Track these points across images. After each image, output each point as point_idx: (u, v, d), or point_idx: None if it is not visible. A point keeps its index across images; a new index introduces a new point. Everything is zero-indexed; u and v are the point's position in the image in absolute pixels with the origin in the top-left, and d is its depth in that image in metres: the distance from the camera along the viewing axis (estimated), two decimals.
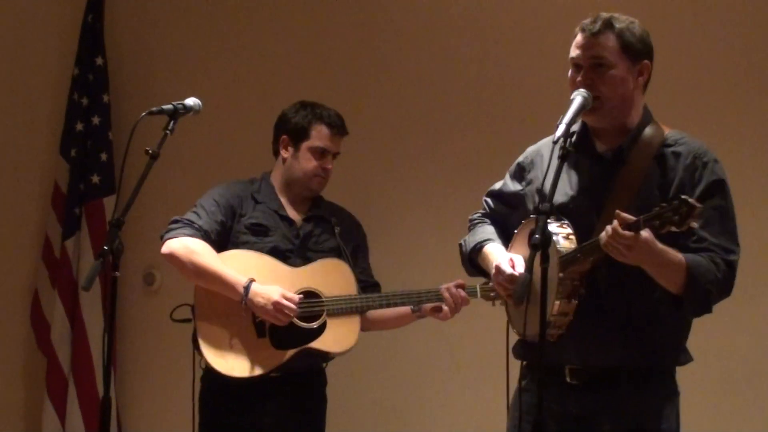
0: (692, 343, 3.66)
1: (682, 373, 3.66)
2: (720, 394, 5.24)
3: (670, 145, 3.59)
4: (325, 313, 4.58)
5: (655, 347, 3.54)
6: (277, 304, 4.45)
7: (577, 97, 3.48)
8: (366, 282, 4.79)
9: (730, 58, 5.38)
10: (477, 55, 5.79)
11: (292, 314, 4.49)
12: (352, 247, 4.79)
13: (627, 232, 3.24)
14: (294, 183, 4.77)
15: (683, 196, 3.15)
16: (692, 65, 5.40)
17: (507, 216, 3.87)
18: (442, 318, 4.61)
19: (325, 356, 4.66)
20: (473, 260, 3.86)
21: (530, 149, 3.88)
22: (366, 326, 4.75)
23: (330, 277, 4.65)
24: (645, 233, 3.25)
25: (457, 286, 4.53)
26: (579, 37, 3.59)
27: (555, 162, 3.38)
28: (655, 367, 3.57)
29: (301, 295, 4.55)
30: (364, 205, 5.42)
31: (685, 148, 3.57)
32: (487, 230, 3.88)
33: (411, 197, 5.87)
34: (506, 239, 3.81)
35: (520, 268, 3.55)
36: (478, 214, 3.98)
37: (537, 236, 3.18)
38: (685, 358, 3.63)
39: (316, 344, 4.55)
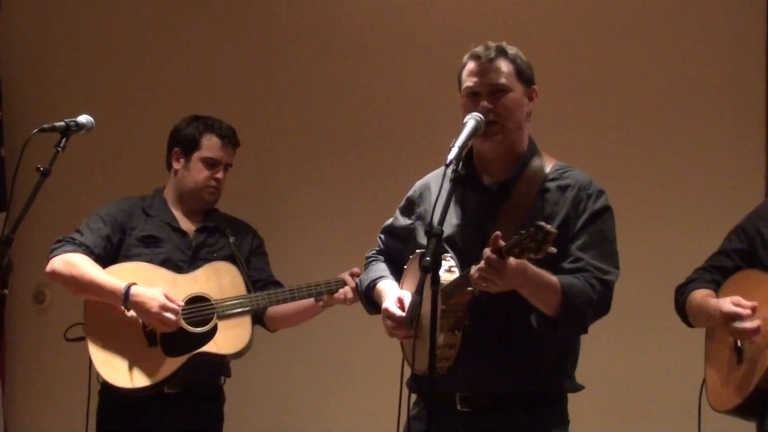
0: (579, 373, 3.71)
1: (570, 402, 3.70)
2: (606, 424, 5.32)
3: (555, 179, 3.63)
4: (215, 316, 4.58)
5: (540, 373, 3.56)
6: (157, 316, 4.44)
7: (470, 121, 3.48)
8: (266, 281, 4.79)
9: (614, 87, 5.54)
10: (377, 65, 5.89)
11: (175, 319, 4.47)
12: (247, 251, 4.80)
13: (496, 257, 3.23)
14: (186, 195, 4.78)
15: (539, 223, 3.16)
16: (576, 94, 5.53)
17: (400, 251, 3.86)
18: (344, 300, 4.56)
19: (221, 360, 4.64)
20: (369, 298, 3.87)
21: (419, 183, 3.88)
22: (272, 326, 4.78)
23: (218, 280, 4.65)
24: (514, 259, 3.25)
25: (352, 275, 4.53)
26: (473, 66, 3.62)
27: (447, 185, 3.40)
28: (544, 393, 3.59)
29: (181, 303, 4.53)
30: (263, 212, 5.51)
31: (570, 180, 3.62)
32: (380, 268, 3.88)
33: (310, 204, 5.91)
34: (400, 275, 3.81)
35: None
36: (373, 252, 3.98)
37: (428, 258, 3.17)
38: (573, 385, 3.66)
39: (208, 348, 4.54)
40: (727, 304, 3.72)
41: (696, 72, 5.44)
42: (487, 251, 3.27)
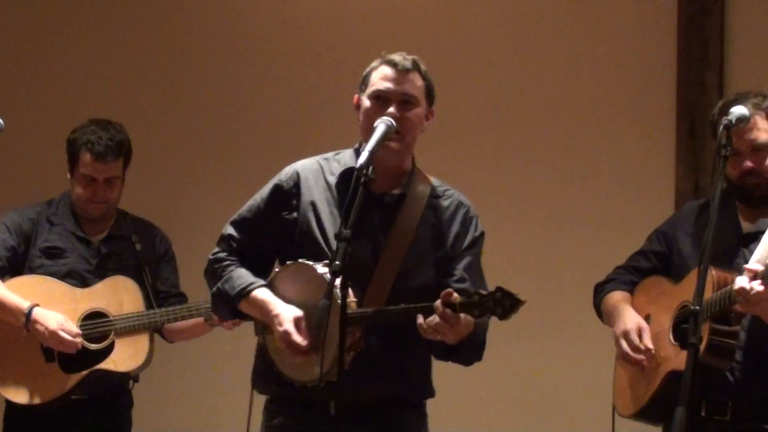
0: (489, 373, 3.74)
1: (479, 403, 3.73)
2: (520, 427, 5.38)
3: (439, 196, 3.68)
4: (112, 333, 4.54)
5: (407, 381, 3.61)
6: (54, 335, 4.41)
7: (381, 125, 3.46)
8: (168, 293, 4.75)
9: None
10: (284, 66, 5.94)
11: (72, 345, 4.43)
12: (155, 261, 4.76)
13: (452, 313, 3.28)
14: (77, 206, 4.71)
15: (507, 290, 3.25)
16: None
17: (258, 245, 3.68)
18: (225, 327, 4.47)
19: (124, 376, 4.62)
20: (235, 308, 3.64)
21: (289, 170, 3.71)
22: (170, 338, 4.78)
23: (118, 295, 4.61)
24: (463, 315, 3.30)
25: None
26: (388, 71, 3.59)
27: (346, 188, 3.38)
28: (410, 399, 3.65)
29: (78, 331, 4.47)
30: (170, 215, 5.49)
31: (453, 201, 3.68)
32: (242, 273, 3.64)
33: (218, 205, 5.88)
34: (258, 270, 3.64)
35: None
36: (223, 254, 3.68)
37: (337, 263, 3.13)
38: (431, 391, 3.73)
39: (105, 365, 4.52)
40: (630, 327, 3.77)
41: (605, 81, 5.51)
42: (439, 305, 3.30)
